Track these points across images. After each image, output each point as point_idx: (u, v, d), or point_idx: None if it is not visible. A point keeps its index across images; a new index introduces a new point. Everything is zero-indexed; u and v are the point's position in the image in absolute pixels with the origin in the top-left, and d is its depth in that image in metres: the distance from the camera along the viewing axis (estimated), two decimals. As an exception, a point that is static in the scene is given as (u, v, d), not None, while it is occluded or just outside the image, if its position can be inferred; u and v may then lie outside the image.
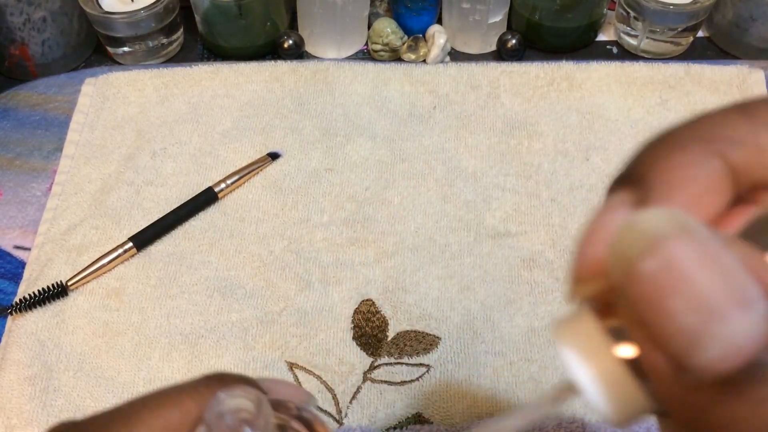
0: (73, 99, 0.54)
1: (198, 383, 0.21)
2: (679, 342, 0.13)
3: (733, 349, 0.13)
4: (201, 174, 0.49)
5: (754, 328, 0.13)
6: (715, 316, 0.13)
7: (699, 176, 0.16)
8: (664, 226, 0.14)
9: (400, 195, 0.48)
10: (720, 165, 0.16)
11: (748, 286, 0.13)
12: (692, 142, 0.16)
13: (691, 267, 0.13)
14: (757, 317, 0.13)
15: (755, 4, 0.54)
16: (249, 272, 0.45)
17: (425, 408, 0.39)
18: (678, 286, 0.13)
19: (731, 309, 0.13)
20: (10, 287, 0.45)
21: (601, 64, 0.54)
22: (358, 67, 0.54)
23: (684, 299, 0.13)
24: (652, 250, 0.14)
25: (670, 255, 0.13)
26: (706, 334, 0.13)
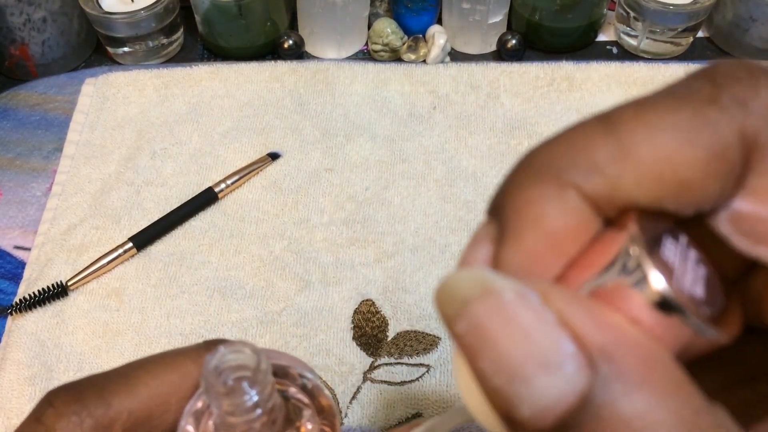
0: (73, 99, 0.54)
1: (199, 347, 0.21)
2: (496, 400, 0.13)
3: (539, 410, 0.13)
4: (201, 174, 0.49)
5: (558, 389, 0.13)
6: (517, 378, 0.13)
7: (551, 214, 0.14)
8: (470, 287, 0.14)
9: (400, 195, 0.48)
10: (574, 199, 0.14)
11: (553, 346, 0.13)
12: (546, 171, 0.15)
13: (492, 329, 0.13)
14: (561, 377, 0.13)
15: (755, 5, 0.54)
16: (249, 272, 0.45)
17: (425, 408, 0.39)
18: (483, 349, 0.13)
19: (532, 371, 0.13)
20: (10, 287, 0.45)
21: (601, 64, 0.54)
22: (358, 67, 0.54)
23: (490, 362, 0.13)
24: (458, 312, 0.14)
25: (472, 317, 0.14)
26: (514, 395, 0.13)
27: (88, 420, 0.19)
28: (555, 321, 0.13)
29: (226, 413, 0.18)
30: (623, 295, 0.14)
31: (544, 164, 0.15)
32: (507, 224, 0.15)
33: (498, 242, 0.16)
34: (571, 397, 0.13)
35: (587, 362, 0.13)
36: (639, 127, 0.14)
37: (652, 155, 0.14)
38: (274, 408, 0.19)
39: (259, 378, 0.18)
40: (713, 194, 0.14)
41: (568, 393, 0.13)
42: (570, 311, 0.13)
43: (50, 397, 0.20)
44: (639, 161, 0.14)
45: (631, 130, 0.14)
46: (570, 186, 0.14)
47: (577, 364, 0.13)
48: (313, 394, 0.21)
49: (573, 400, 0.13)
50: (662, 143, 0.14)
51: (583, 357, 0.13)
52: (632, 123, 0.14)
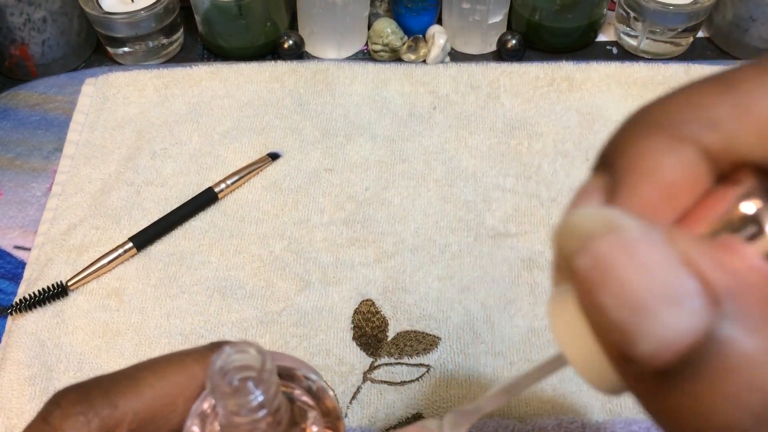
0: (73, 99, 0.54)
1: (205, 348, 0.21)
2: (616, 335, 0.14)
3: (662, 344, 0.13)
4: (201, 174, 0.49)
5: (683, 323, 0.13)
6: (641, 311, 0.13)
7: (667, 166, 0.15)
8: (595, 225, 0.14)
9: (400, 195, 0.48)
10: (691, 152, 0.15)
11: (679, 281, 0.13)
12: (662, 126, 0.15)
13: (617, 264, 0.13)
14: (686, 312, 0.13)
15: (755, 5, 0.54)
16: (249, 272, 0.45)
17: (425, 408, 0.39)
18: (607, 283, 0.14)
19: (658, 304, 0.13)
20: (10, 287, 0.45)
21: (601, 64, 0.54)
22: (358, 68, 0.54)
23: (613, 296, 0.13)
24: (582, 249, 0.14)
25: (597, 253, 0.14)
26: (635, 329, 0.13)
27: (94, 420, 0.19)
28: (680, 260, 0.13)
29: (231, 413, 0.18)
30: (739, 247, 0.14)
31: (660, 119, 0.15)
32: (622, 175, 0.15)
33: (611, 193, 0.16)
34: (694, 333, 0.13)
35: (711, 299, 0.13)
36: (758, 86, 0.14)
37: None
38: (279, 409, 0.19)
39: (264, 378, 0.18)
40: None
41: (692, 328, 0.13)
42: (694, 252, 0.14)
43: (57, 398, 0.20)
44: (758, 118, 0.14)
45: (751, 89, 0.14)
46: (687, 140, 0.15)
47: (701, 301, 0.13)
48: (318, 396, 0.21)
49: (696, 336, 0.13)
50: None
51: (707, 295, 0.13)
52: (752, 83, 0.14)
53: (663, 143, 0.15)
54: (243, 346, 0.19)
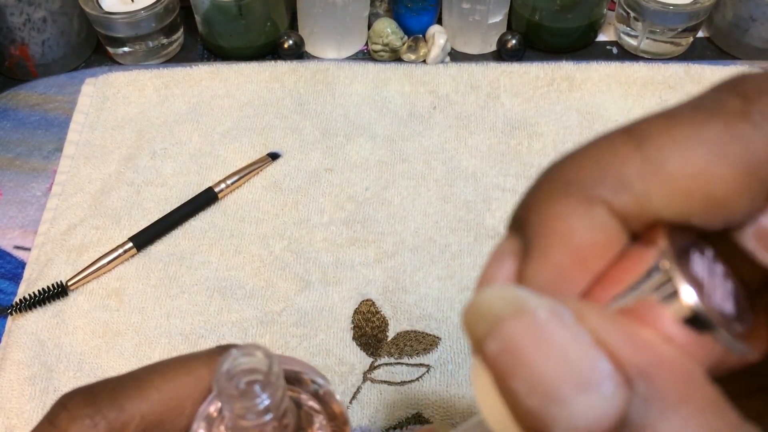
0: (73, 99, 0.54)
1: (212, 352, 0.21)
2: (529, 422, 0.13)
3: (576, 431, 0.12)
4: (201, 174, 0.49)
5: (596, 408, 0.12)
6: (552, 399, 0.13)
7: (578, 230, 0.14)
8: (502, 306, 0.14)
9: (400, 195, 0.48)
10: (602, 214, 0.14)
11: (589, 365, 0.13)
12: (574, 186, 0.15)
13: (526, 350, 0.13)
14: (599, 397, 0.12)
15: (755, 5, 0.54)
16: (249, 272, 0.45)
17: (425, 408, 0.39)
18: (517, 369, 0.13)
19: (568, 391, 0.12)
20: (10, 287, 0.45)
21: (601, 64, 0.54)
22: (358, 68, 0.54)
23: (524, 383, 0.13)
24: (490, 333, 0.13)
25: (506, 337, 0.13)
26: (548, 416, 0.13)
27: (101, 423, 0.19)
28: (590, 340, 0.13)
29: (237, 417, 0.18)
30: (654, 312, 0.14)
31: (570, 179, 0.15)
32: (532, 239, 0.15)
33: (523, 258, 0.15)
34: (609, 418, 0.12)
35: (624, 381, 0.13)
36: (668, 141, 0.14)
37: (682, 171, 0.14)
38: (286, 413, 0.19)
39: (271, 381, 0.18)
40: (743, 210, 0.14)
41: (607, 413, 0.12)
42: (604, 330, 0.13)
43: (64, 401, 0.20)
44: (669, 177, 0.14)
45: (661, 145, 0.14)
46: (598, 201, 0.14)
47: (614, 384, 0.13)
48: (324, 400, 0.21)
49: (611, 421, 0.12)
50: (693, 159, 0.13)
51: (620, 376, 0.13)
52: (662, 137, 0.14)
53: (573, 205, 0.14)
54: (250, 349, 0.19)
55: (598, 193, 0.14)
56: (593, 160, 0.15)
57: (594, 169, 0.14)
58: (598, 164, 0.14)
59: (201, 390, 0.20)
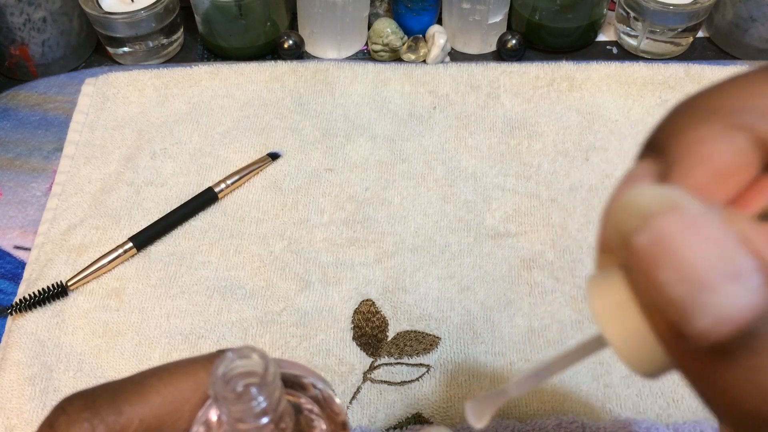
0: (73, 99, 0.54)
1: (212, 355, 0.21)
2: (673, 312, 0.14)
3: (722, 319, 0.13)
4: (201, 174, 0.49)
5: (742, 299, 0.13)
6: (702, 287, 0.13)
7: (720, 153, 0.15)
8: (656, 203, 0.14)
9: (400, 195, 0.48)
10: (744, 140, 0.15)
11: (738, 259, 0.13)
12: (716, 113, 0.16)
13: (679, 240, 0.14)
14: (746, 288, 0.13)
15: (755, 5, 0.54)
16: (249, 272, 0.45)
17: (425, 408, 0.39)
18: (667, 258, 0.14)
19: (718, 280, 0.13)
20: (10, 287, 0.45)
21: (601, 64, 0.54)
22: (358, 68, 0.54)
23: (673, 271, 0.14)
24: (643, 226, 0.14)
25: (658, 230, 0.14)
26: (694, 304, 0.13)
27: (100, 427, 0.19)
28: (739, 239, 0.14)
29: (235, 420, 0.18)
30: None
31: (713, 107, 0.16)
32: (676, 159, 0.16)
33: (663, 177, 0.16)
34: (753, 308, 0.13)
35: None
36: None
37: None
38: (283, 416, 0.19)
39: (267, 383, 0.18)
40: None
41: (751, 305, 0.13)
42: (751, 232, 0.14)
43: (64, 404, 0.20)
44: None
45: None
46: (742, 128, 0.15)
47: (760, 278, 0.13)
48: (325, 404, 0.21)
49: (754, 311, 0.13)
50: None
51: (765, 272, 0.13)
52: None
53: (718, 130, 0.15)
54: (246, 351, 0.18)
55: (742, 120, 0.15)
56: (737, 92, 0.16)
57: (738, 100, 0.16)
58: (743, 95, 0.16)
59: (200, 394, 0.20)
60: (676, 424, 0.38)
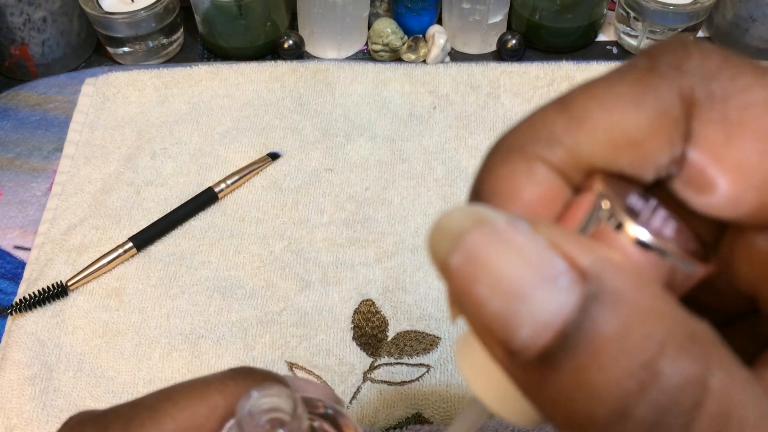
0: (73, 99, 0.54)
1: (226, 377, 0.20)
2: (496, 328, 0.14)
3: (539, 325, 0.13)
4: (201, 174, 0.49)
5: (555, 301, 0.13)
6: (516, 296, 0.13)
7: (524, 186, 0.16)
8: (463, 221, 0.14)
9: (400, 195, 0.48)
10: (542, 170, 0.16)
11: (547, 263, 0.13)
12: (514, 150, 0.16)
13: (489, 254, 0.14)
14: (557, 291, 0.13)
15: (755, 5, 0.54)
16: (249, 272, 0.45)
17: (425, 408, 0.39)
18: (480, 274, 0.14)
19: (530, 287, 0.13)
20: (10, 287, 0.45)
21: (601, 64, 0.54)
22: (358, 67, 0.54)
23: (488, 286, 0.14)
24: (453, 246, 0.14)
25: (468, 247, 0.14)
26: (513, 315, 0.13)
27: None
28: (546, 244, 0.14)
29: None
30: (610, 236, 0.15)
31: (512, 144, 0.16)
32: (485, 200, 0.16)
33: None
34: (568, 310, 0.13)
35: (579, 277, 0.13)
36: (589, 100, 0.16)
37: (603, 121, 0.15)
38: None
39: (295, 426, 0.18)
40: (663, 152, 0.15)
41: (565, 306, 0.13)
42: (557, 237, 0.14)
43: (75, 428, 0.19)
44: (593, 128, 0.15)
45: (582, 104, 0.16)
46: (536, 159, 0.16)
47: (570, 278, 0.13)
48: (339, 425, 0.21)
49: (570, 313, 0.13)
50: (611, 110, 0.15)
51: (575, 272, 0.13)
52: (582, 98, 0.16)
53: (517, 166, 0.16)
54: (270, 389, 0.18)
55: (535, 151, 0.16)
56: (528, 127, 0.16)
57: (530, 133, 0.16)
58: (532, 128, 0.16)
59: (216, 418, 0.20)
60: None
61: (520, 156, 0.16)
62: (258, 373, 0.21)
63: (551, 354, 0.13)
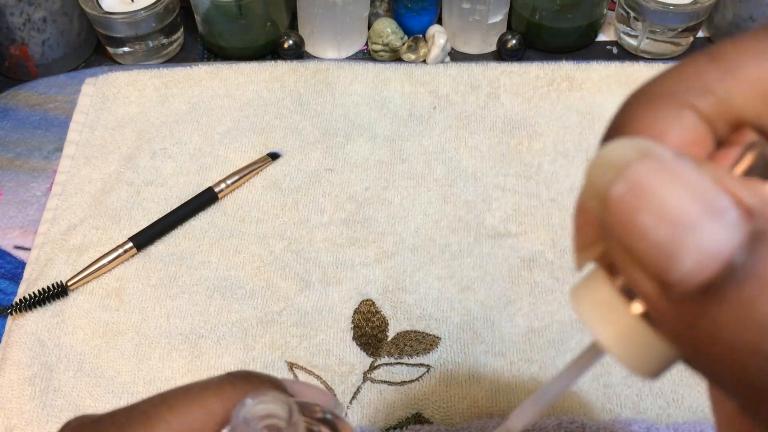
0: (73, 99, 0.54)
1: (223, 381, 0.20)
2: (656, 258, 0.14)
3: (706, 256, 0.13)
4: (201, 174, 0.49)
5: (724, 234, 0.13)
6: (683, 226, 0.13)
7: (673, 132, 0.16)
8: (628, 153, 0.15)
9: (400, 195, 0.48)
10: (691, 117, 0.16)
11: (715, 197, 0.14)
12: (663, 97, 0.16)
13: (655, 184, 0.14)
14: (726, 224, 0.13)
15: (755, 5, 0.54)
16: (249, 272, 0.45)
17: (425, 408, 0.39)
18: (645, 203, 0.14)
19: (699, 218, 0.13)
20: (10, 287, 0.45)
21: (601, 64, 0.54)
22: (358, 67, 0.54)
23: (653, 215, 0.14)
24: (618, 176, 0.14)
25: (634, 177, 0.14)
26: (678, 245, 0.13)
27: None
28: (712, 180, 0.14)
29: None
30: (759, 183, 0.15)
31: (659, 91, 0.17)
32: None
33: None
34: (734, 245, 0.13)
35: (746, 214, 0.13)
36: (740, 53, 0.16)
37: (756, 74, 0.16)
38: None
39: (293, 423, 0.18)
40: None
41: (732, 240, 0.13)
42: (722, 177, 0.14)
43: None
44: (745, 80, 0.16)
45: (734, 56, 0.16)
46: (686, 106, 0.16)
47: (738, 213, 0.13)
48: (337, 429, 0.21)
49: (738, 247, 0.13)
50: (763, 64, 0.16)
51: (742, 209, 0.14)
52: (733, 51, 0.16)
53: (666, 112, 0.16)
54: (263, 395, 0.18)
55: (686, 99, 0.16)
56: (678, 74, 0.17)
57: (680, 81, 0.16)
58: (684, 77, 0.16)
59: (212, 424, 0.19)
60: (676, 424, 0.38)
61: (670, 101, 0.16)
62: (255, 377, 0.20)
63: (715, 286, 0.13)
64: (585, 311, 0.16)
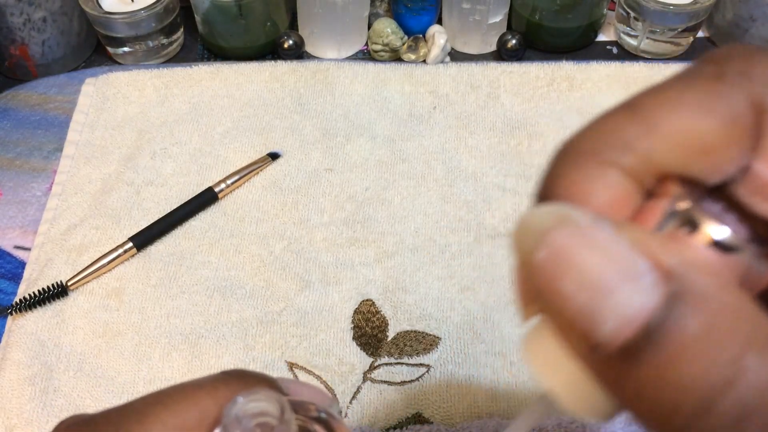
0: (73, 99, 0.54)
1: (217, 380, 0.20)
2: (580, 321, 0.14)
3: (623, 320, 0.14)
4: (201, 174, 0.49)
5: (639, 298, 0.14)
6: (601, 291, 0.14)
7: (596, 191, 0.16)
8: (547, 219, 0.15)
9: (400, 195, 0.48)
10: (615, 175, 0.16)
11: (631, 261, 0.14)
12: (586, 155, 0.16)
13: (573, 251, 0.14)
14: (642, 287, 0.14)
15: (755, 4, 0.54)
16: (249, 272, 0.45)
17: (425, 408, 0.39)
18: (565, 270, 0.14)
19: (615, 283, 0.14)
20: (10, 287, 0.45)
21: (601, 64, 0.54)
22: (358, 67, 0.54)
23: (573, 281, 0.14)
24: (538, 244, 0.15)
25: (553, 244, 0.14)
26: (597, 309, 0.14)
27: None
28: (629, 243, 0.14)
29: None
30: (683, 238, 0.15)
31: (582, 149, 0.17)
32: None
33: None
34: (652, 306, 0.14)
35: (663, 276, 0.14)
36: (660, 106, 0.16)
37: (676, 127, 0.16)
38: None
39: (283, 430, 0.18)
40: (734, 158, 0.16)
41: (649, 303, 0.14)
42: (640, 238, 0.14)
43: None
44: (664, 134, 0.16)
45: (654, 110, 0.16)
46: (609, 164, 0.16)
47: (654, 276, 0.14)
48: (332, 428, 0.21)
49: (654, 310, 0.14)
50: (683, 116, 0.16)
51: (659, 272, 0.14)
52: (653, 104, 0.16)
53: (590, 170, 0.16)
54: (255, 393, 0.18)
55: (608, 157, 0.16)
56: (599, 131, 0.17)
57: (601, 138, 0.16)
58: (604, 133, 0.16)
59: (207, 423, 0.19)
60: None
61: (592, 161, 0.16)
62: (250, 375, 0.20)
63: (635, 348, 0.14)
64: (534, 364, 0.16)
